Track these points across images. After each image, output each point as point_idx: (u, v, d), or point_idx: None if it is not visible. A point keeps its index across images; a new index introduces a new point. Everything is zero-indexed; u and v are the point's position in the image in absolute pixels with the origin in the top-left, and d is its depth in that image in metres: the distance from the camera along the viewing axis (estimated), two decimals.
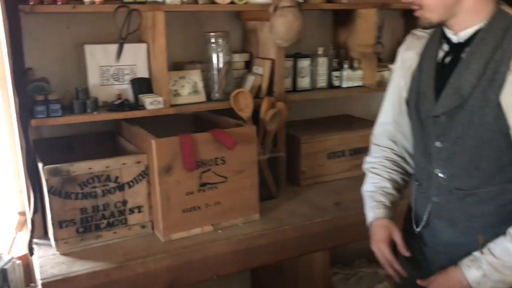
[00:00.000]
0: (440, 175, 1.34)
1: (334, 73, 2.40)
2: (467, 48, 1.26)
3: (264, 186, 2.05)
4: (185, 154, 1.72)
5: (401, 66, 1.46)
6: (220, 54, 2.06)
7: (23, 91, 1.70)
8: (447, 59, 1.32)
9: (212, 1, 2.01)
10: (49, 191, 1.64)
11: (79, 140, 2.07)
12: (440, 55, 1.34)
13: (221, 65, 2.07)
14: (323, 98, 2.45)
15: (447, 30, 1.32)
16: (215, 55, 2.06)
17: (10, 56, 1.68)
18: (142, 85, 2.02)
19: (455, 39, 1.30)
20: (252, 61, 2.28)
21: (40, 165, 1.69)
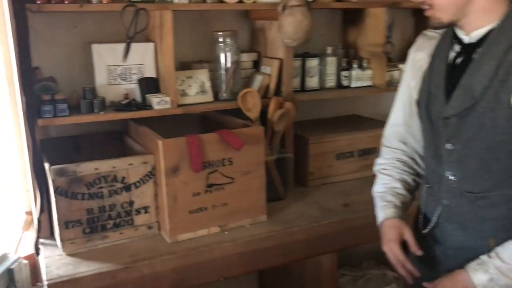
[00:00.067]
0: (451, 177, 1.32)
1: (343, 72, 2.38)
2: (479, 48, 1.24)
3: (272, 187, 2.04)
4: (192, 155, 1.71)
5: (412, 67, 1.45)
6: (228, 54, 2.05)
7: (30, 91, 1.70)
8: (458, 60, 1.30)
9: (220, 0, 2.00)
10: (55, 191, 1.64)
11: (86, 139, 2.07)
12: (451, 55, 1.32)
13: (229, 64, 2.06)
14: (332, 98, 2.44)
15: (458, 31, 1.30)
16: (223, 54, 2.06)
17: (17, 56, 1.68)
18: (150, 85, 2.01)
19: (466, 39, 1.28)
20: (260, 60, 2.27)
21: (46, 165, 1.69)
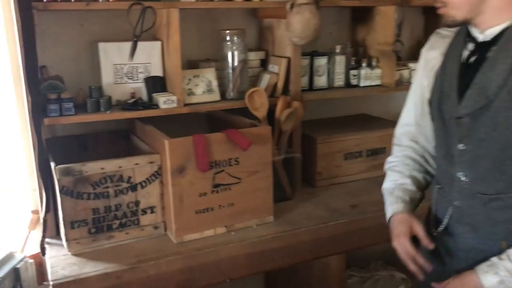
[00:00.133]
0: (463, 178, 1.30)
1: (352, 71, 2.35)
2: (493, 47, 1.22)
3: (279, 187, 2.02)
4: (198, 155, 1.69)
5: (424, 66, 1.43)
6: (235, 52, 2.04)
7: (35, 90, 1.69)
8: (472, 59, 1.28)
9: None
10: (61, 191, 1.63)
11: (93, 138, 2.06)
12: (465, 54, 1.30)
13: (236, 63, 2.05)
14: (340, 97, 2.41)
15: (472, 29, 1.28)
16: (230, 53, 2.04)
17: (22, 54, 1.67)
18: (156, 84, 2.00)
19: (481, 37, 1.26)
20: (267, 59, 2.25)
21: (52, 165, 1.68)
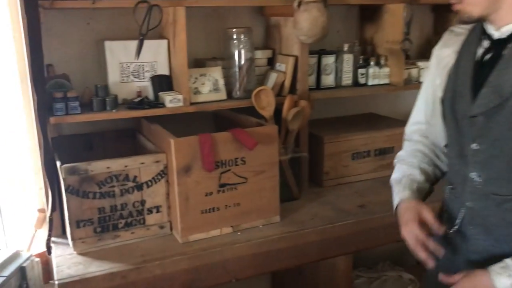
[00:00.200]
0: (476, 179, 1.27)
1: (360, 70, 2.33)
2: (509, 44, 1.19)
3: (286, 187, 2.01)
4: (204, 154, 1.68)
5: (437, 64, 1.40)
6: (242, 51, 2.02)
7: (41, 88, 1.68)
8: (486, 57, 1.25)
9: None
10: (66, 190, 1.62)
11: (99, 137, 2.05)
12: (479, 52, 1.27)
13: (243, 62, 2.03)
14: (348, 96, 2.39)
15: (488, 26, 1.25)
16: (236, 51, 2.02)
17: (28, 53, 1.66)
18: (162, 82, 1.99)
19: (496, 35, 1.23)
20: (274, 57, 2.23)
21: (58, 164, 1.67)
